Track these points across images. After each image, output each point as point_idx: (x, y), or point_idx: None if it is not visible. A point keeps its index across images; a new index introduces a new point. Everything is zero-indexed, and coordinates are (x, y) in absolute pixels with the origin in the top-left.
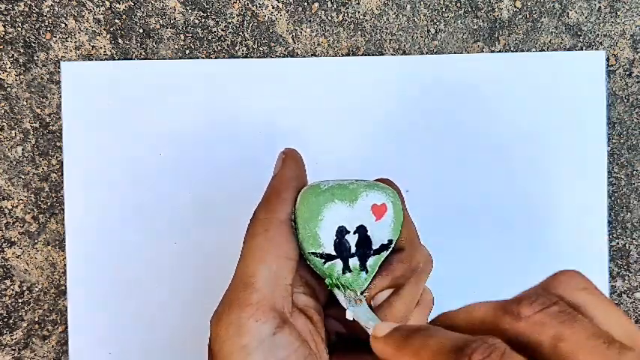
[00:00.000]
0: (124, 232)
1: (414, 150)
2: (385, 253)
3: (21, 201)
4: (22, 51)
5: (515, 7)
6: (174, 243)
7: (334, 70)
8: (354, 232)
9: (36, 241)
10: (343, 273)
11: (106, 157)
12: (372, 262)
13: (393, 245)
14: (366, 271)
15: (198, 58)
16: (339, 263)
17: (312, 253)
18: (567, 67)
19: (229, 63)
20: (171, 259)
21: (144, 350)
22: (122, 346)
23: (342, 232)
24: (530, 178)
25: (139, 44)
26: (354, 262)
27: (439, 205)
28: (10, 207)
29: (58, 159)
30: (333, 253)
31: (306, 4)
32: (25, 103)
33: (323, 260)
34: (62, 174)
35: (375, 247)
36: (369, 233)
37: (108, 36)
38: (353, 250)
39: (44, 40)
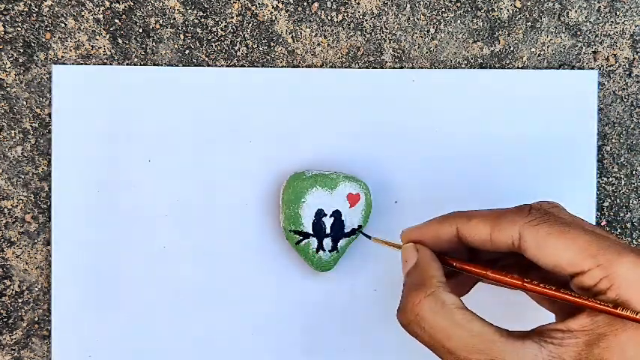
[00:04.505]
0: (112, 237)
1: (403, 161)
2: (354, 237)
3: (21, 201)
4: (21, 51)
5: (515, 6)
6: (164, 247)
7: (329, 81)
8: (330, 216)
9: (35, 241)
10: (317, 251)
11: (94, 162)
12: (343, 243)
13: (362, 230)
14: (337, 251)
15: (197, 57)
16: (314, 242)
17: (292, 231)
18: (559, 86)
19: (219, 72)
20: (159, 264)
21: (127, 355)
22: (105, 350)
23: (320, 214)
24: (520, 194)
25: (138, 44)
26: (327, 242)
27: (427, 216)
28: (9, 207)
29: None
30: (311, 232)
31: (305, 4)
32: (24, 103)
33: (301, 238)
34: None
35: (346, 230)
36: (343, 218)
37: (107, 36)
38: (328, 231)
39: (44, 40)
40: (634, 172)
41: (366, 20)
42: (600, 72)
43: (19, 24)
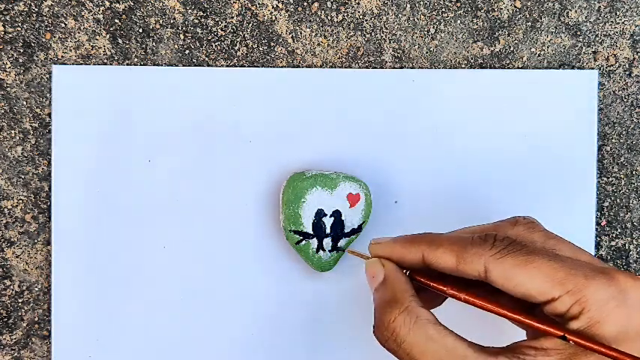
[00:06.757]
0: (112, 237)
1: (403, 161)
2: (354, 237)
3: (21, 201)
4: (21, 51)
5: (515, 6)
6: (164, 247)
7: (329, 81)
8: (330, 216)
9: (36, 241)
10: (317, 251)
11: (94, 162)
12: (343, 243)
13: (361, 231)
14: (337, 251)
15: (197, 57)
16: (314, 242)
17: (292, 231)
18: (559, 86)
19: (219, 72)
20: (159, 264)
21: (127, 355)
22: (105, 349)
23: (320, 214)
24: (520, 194)
25: (138, 44)
26: (327, 242)
27: (427, 216)
28: (9, 207)
29: None
30: (311, 232)
31: (305, 4)
32: (24, 103)
33: (301, 238)
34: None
35: (346, 230)
36: (343, 217)
37: (107, 36)
38: (328, 231)
39: (44, 40)
40: (634, 172)
41: (366, 20)
42: (600, 72)
43: (19, 24)
